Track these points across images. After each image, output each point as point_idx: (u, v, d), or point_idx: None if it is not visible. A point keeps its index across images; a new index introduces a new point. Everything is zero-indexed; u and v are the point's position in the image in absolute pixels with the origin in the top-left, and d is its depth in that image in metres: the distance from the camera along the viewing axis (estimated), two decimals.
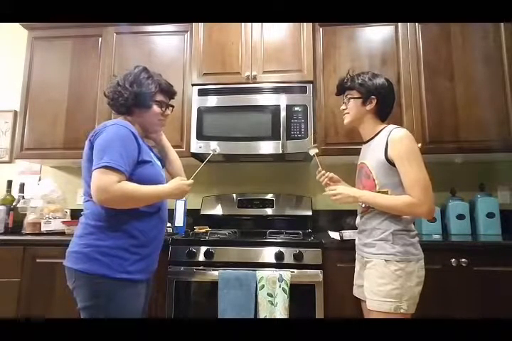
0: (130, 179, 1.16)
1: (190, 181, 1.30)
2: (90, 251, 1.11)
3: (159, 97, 1.32)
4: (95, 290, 1.10)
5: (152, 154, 1.30)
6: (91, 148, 1.18)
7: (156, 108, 1.31)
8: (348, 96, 1.37)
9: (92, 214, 1.17)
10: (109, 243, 1.12)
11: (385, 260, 1.20)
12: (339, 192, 1.29)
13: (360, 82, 1.34)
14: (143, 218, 1.19)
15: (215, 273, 1.56)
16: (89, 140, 1.20)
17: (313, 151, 1.48)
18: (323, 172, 1.40)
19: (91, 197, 1.16)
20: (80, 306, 1.12)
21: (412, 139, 1.24)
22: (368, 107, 1.33)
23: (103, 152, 1.12)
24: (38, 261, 1.71)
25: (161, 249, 1.33)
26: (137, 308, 1.17)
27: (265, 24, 2.02)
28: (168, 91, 1.36)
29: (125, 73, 1.30)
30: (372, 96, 1.32)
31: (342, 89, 1.41)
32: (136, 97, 1.25)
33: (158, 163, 1.33)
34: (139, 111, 1.29)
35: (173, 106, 1.40)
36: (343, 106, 1.40)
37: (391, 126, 1.30)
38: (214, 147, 1.89)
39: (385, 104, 1.34)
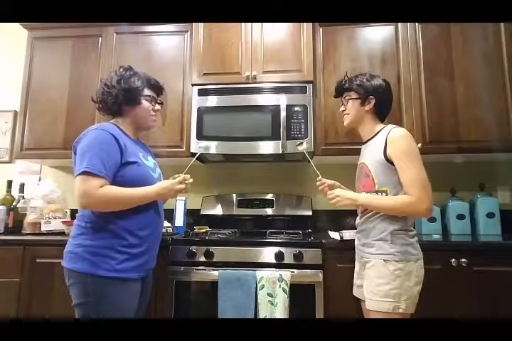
0: (115, 181, 1.17)
1: (178, 179, 1.28)
2: (81, 251, 1.15)
3: (147, 92, 1.34)
4: (86, 288, 1.13)
5: (141, 154, 1.29)
6: (75, 153, 1.22)
7: (145, 103, 1.32)
8: (347, 98, 1.38)
9: (82, 216, 1.21)
10: (98, 243, 1.15)
11: (384, 260, 1.20)
12: (337, 195, 1.30)
13: (358, 83, 1.35)
14: (132, 218, 1.20)
15: (215, 273, 1.56)
16: (73, 146, 1.24)
17: (301, 147, 1.48)
18: (324, 181, 1.39)
19: None
20: (74, 303, 1.16)
21: (411, 138, 1.24)
22: (367, 107, 1.34)
23: (83, 157, 1.15)
24: (38, 261, 1.71)
25: (160, 247, 1.35)
26: (130, 306, 1.18)
27: (265, 24, 2.02)
28: (156, 86, 1.39)
29: (110, 75, 1.33)
30: (371, 97, 1.33)
31: (340, 90, 1.42)
32: (125, 93, 1.27)
33: (150, 163, 1.32)
34: (129, 109, 1.31)
35: (162, 103, 1.41)
36: (342, 108, 1.41)
37: (390, 126, 1.31)
38: (204, 145, 1.88)
39: (383, 104, 1.36)
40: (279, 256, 1.58)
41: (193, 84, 2.02)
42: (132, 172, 1.21)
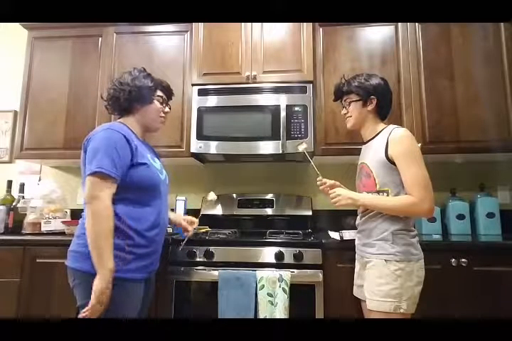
0: (124, 181, 1.16)
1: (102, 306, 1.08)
2: (85, 250, 1.12)
3: (159, 93, 1.35)
4: (91, 289, 1.09)
5: (149, 156, 1.29)
6: (85, 152, 1.20)
7: (157, 103, 1.33)
8: (348, 100, 1.38)
9: None
10: None
11: (385, 260, 1.20)
12: (338, 194, 1.30)
13: (356, 84, 1.34)
14: (140, 218, 1.18)
15: (215, 273, 1.56)
16: (84, 144, 1.21)
17: (301, 147, 1.48)
18: (324, 181, 1.40)
19: None
20: (78, 304, 1.13)
21: (413, 138, 1.24)
22: (369, 107, 1.34)
23: (94, 157, 1.13)
24: (38, 261, 1.71)
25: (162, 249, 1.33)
26: (132, 307, 1.17)
27: (265, 24, 2.02)
28: (168, 89, 1.40)
29: (123, 75, 1.33)
30: (372, 97, 1.33)
31: (340, 94, 1.42)
32: (139, 91, 1.28)
33: (156, 164, 1.32)
34: (140, 107, 1.30)
35: (170, 108, 1.42)
36: (344, 111, 1.41)
37: (391, 126, 1.31)
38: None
39: (384, 103, 1.36)
40: (279, 256, 1.58)
41: (193, 84, 2.03)
42: (141, 173, 1.20)
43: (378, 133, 1.33)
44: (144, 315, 1.31)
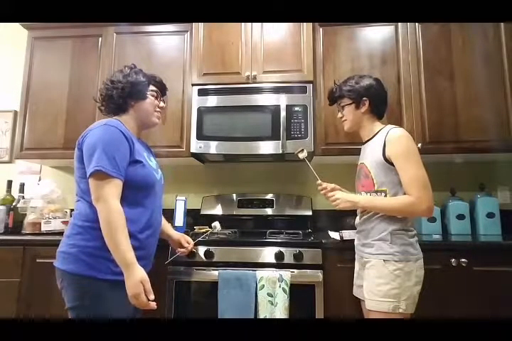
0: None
1: (144, 301, 1.11)
2: (76, 252, 1.10)
3: (153, 88, 1.33)
4: (81, 291, 1.09)
5: (145, 154, 1.27)
6: (80, 148, 1.18)
7: (151, 97, 1.32)
8: (341, 104, 1.40)
9: (79, 215, 1.17)
10: (95, 243, 1.10)
11: (384, 260, 1.20)
12: (338, 197, 1.30)
13: (348, 88, 1.36)
14: (133, 220, 1.15)
15: (215, 273, 1.56)
16: (79, 141, 1.20)
17: (302, 155, 1.48)
18: (324, 185, 1.40)
19: (81, 198, 1.18)
20: (68, 306, 1.11)
21: (410, 138, 1.25)
22: (363, 109, 1.35)
23: (93, 155, 1.11)
24: (38, 261, 1.71)
25: (159, 247, 1.32)
26: (125, 310, 1.13)
27: (265, 24, 2.02)
28: (161, 84, 1.38)
29: (115, 74, 1.32)
30: (364, 98, 1.33)
31: (333, 99, 1.44)
32: (132, 87, 1.26)
33: (152, 163, 1.30)
34: (134, 104, 1.29)
35: (165, 103, 1.40)
36: (340, 115, 1.43)
37: (389, 126, 1.31)
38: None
39: (378, 103, 1.36)
40: (279, 256, 1.58)
41: (193, 84, 2.02)
42: (136, 172, 1.18)
43: (376, 134, 1.33)
44: (139, 316, 1.28)
